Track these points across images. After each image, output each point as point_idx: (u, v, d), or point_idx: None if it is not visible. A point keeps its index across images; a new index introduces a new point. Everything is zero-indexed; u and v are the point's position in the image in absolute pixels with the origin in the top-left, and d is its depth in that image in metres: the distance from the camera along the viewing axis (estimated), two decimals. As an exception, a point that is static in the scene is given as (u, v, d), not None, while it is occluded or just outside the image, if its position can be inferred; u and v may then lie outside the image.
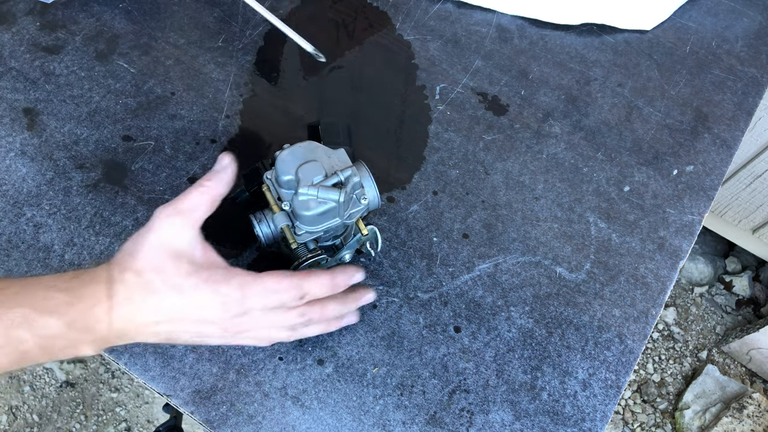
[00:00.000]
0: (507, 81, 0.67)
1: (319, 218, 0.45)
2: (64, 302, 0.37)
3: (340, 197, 0.44)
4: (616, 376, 0.51)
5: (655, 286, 0.55)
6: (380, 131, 0.62)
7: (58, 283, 0.38)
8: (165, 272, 0.39)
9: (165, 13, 0.68)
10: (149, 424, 1.38)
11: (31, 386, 1.40)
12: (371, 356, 0.50)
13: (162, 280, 0.39)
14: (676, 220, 0.59)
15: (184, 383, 0.47)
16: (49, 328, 0.37)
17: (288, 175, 0.45)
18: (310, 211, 0.44)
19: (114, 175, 0.56)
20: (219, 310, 0.40)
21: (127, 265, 0.40)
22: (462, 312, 0.52)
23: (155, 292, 0.39)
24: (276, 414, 0.47)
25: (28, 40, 0.64)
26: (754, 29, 0.74)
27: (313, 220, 0.45)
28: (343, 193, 0.44)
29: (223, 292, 0.40)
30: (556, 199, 0.59)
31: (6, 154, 0.56)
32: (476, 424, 0.48)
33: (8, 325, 0.36)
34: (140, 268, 0.39)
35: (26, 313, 0.36)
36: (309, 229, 0.46)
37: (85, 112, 0.60)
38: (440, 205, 0.58)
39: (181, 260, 0.40)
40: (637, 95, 0.67)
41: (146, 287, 0.39)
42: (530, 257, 0.55)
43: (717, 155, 0.64)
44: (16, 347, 0.36)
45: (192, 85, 0.63)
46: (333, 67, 0.66)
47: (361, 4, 0.71)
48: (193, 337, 0.42)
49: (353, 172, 0.45)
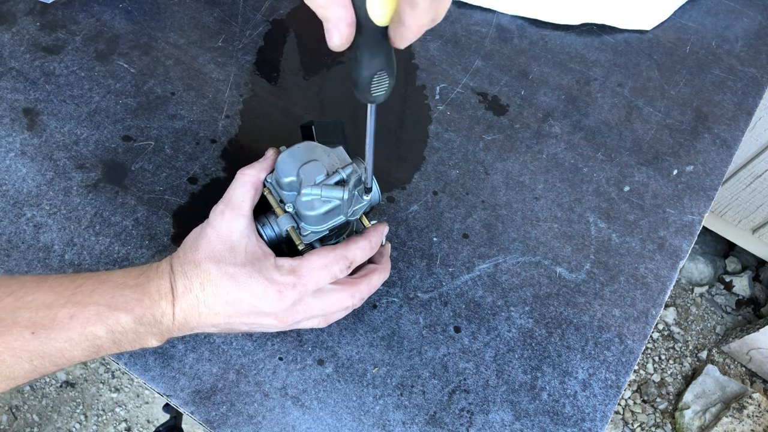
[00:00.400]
0: (507, 81, 0.67)
1: (323, 217, 0.45)
2: (133, 299, 0.40)
3: (344, 195, 0.44)
4: (616, 376, 0.51)
5: (655, 286, 0.55)
6: (380, 131, 0.62)
7: (128, 280, 0.41)
8: (222, 262, 0.42)
9: (165, 13, 0.68)
10: (149, 424, 1.38)
11: (31, 386, 1.40)
12: (371, 356, 0.50)
13: (219, 269, 0.42)
14: (676, 220, 0.59)
15: (184, 383, 0.47)
16: (121, 324, 0.39)
17: (289, 177, 0.45)
18: (314, 210, 0.44)
19: (114, 175, 0.56)
20: (274, 299, 0.42)
21: (187, 258, 0.42)
22: (462, 312, 0.52)
23: (212, 281, 0.41)
24: (276, 414, 0.47)
25: (28, 40, 0.64)
26: (754, 29, 0.74)
27: (318, 219, 0.45)
28: (346, 190, 0.44)
29: (277, 279, 0.42)
30: (556, 199, 0.59)
31: (6, 154, 0.56)
32: (476, 424, 0.48)
33: (84, 323, 0.38)
34: (199, 259, 0.42)
35: (100, 311, 0.38)
36: (314, 229, 0.46)
37: (85, 112, 0.60)
38: (440, 205, 0.58)
39: (236, 251, 0.43)
40: (637, 95, 0.67)
41: (204, 277, 0.41)
42: (530, 257, 0.55)
43: (717, 155, 0.64)
44: (92, 342, 0.39)
45: (192, 85, 0.63)
46: (333, 66, 0.66)
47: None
48: (252, 327, 0.44)
49: (354, 169, 0.45)
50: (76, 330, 0.38)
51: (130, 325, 0.39)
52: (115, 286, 0.40)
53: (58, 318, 0.38)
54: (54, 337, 0.37)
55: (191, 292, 0.41)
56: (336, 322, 0.50)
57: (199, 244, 0.43)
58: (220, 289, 0.41)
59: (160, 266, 0.42)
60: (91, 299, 0.39)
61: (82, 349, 0.39)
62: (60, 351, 0.38)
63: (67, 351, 0.38)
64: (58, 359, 0.38)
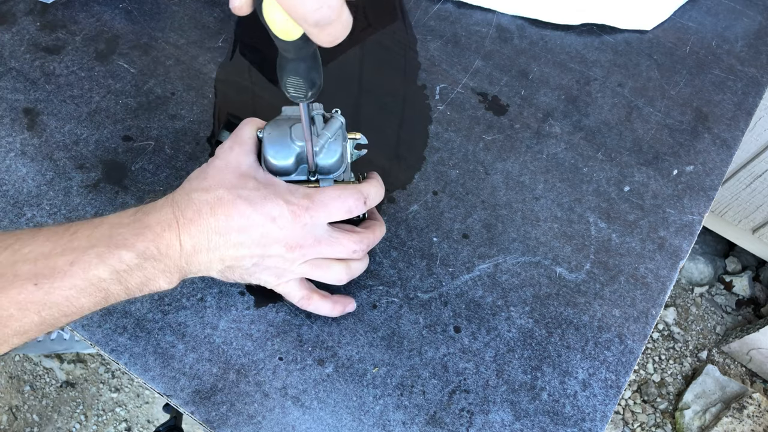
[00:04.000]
0: (507, 81, 0.67)
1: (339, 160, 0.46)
2: (132, 234, 0.39)
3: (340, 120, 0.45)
4: (616, 376, 0.51)
5: (655, 286, 0.55)
6: (380, 131, 0.62)
7: (123, 219, 0.40)
8: (234, 187, 0.41)
9: (165, 13, 0.68)
10: (149, 424, 1.38)
11: (31, 386, 1.40)
12: (371, 356, 0.50)
13: (231, 193, 0.41)
14: (676, 220, 0.59)
15: (184, 383, 0.47)
16: (124, 262, 0.38)
17: (290, 157, 0.45)
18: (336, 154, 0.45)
19: (114, 175, 0.56)
20: (288, 219, 0.41)
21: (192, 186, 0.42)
22: (462, 312, 0.52)
23: (224, 204, 0.40)
24: (276, 414, 0.47)
25: (28, 40, 0.64)
26: (754, 29, 0.74)
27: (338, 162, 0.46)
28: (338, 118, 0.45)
29: (292, 200, 0.42)
30: (556, 199, 0.59)
31: (6, 154, 0.56)
32: (476, 424, 0.48)
33: (86, 267, 0.37)
34: (208, 186, 0.41)
35: (100, 252, 0.37)
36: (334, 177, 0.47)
37: (85, 112, 0.60)
38: (440, 205, 0.58)
39: (248, 178, 0.42)
40: (637, 95, 0.67)
41: (215, 201, 0.40)
42: (530, 257, 0.55)
43: (717, 155, 0.64)
44: (98, 286, 0.38)
45: (192, 85, 0.63)
46: (331, 65, 0.66)
47: (362, 3, 0.71)
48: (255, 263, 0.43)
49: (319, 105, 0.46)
50: (78, 276, 0.37)
51: (134, 261, 0.38)
52: (111, 226, 0.39)
53: (58, 266, 0.37)
54: (58, 285, 0.36)
55: (200, 218, 0.40)
56: (336, 323, 0.50)
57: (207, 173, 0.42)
58: (233, 210, 0.40)
59: (159, 201, 0.41)
60: (89, 243, 0.38)
61: (89, 295, 0.38)
62: (67, 299, 0.37)
63: (74, 299, 0.37)
64: (66, 308, 0.37)
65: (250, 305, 0.51)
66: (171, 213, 0.40)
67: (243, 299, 0.51)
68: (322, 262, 0.46)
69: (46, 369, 1.42)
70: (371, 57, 0.67)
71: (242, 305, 0.51)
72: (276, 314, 0.51)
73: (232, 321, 0.50)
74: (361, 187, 0.45)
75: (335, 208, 0.43)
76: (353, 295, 0.52)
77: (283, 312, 0.51)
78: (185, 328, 0.49)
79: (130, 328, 0.49)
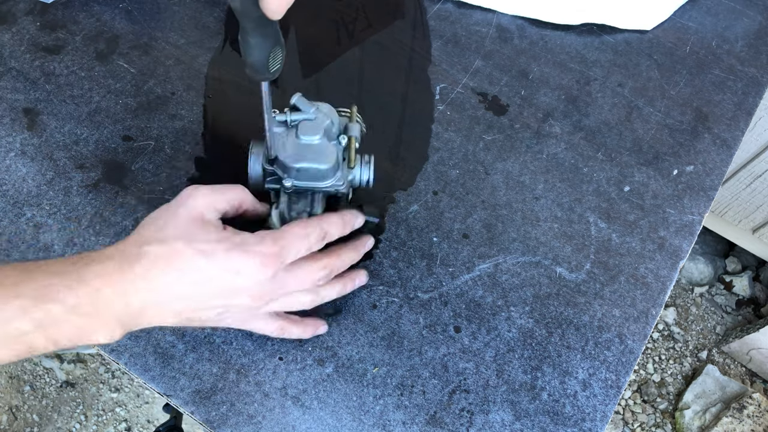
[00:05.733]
0: (507, 81, 0.67)
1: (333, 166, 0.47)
2: (64, 286, 0.35)
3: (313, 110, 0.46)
4: (616, 376, 0.51)
5: (655, 286, 0.55)
6: (380, 131, 0.62)
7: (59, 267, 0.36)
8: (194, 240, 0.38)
9: (165, 13, 0.68)
10: (149, 424, 1.38)
11: (31, 386, 1.40)
12: (371, 356, 0.50)
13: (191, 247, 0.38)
14: (676, 220, 0.59)
15: (184, 383, 0.47)
16: (51, 316, 0.35)
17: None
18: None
19: (114, 175, 0.56)
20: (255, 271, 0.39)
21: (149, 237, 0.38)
22: (462, 312, 0.52)
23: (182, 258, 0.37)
24: (276, 414, 0.47)
25: (28, 40, 0.64)
26: (754, 29, 0.74)
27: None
28: (314, 107, 0.46)
29: (260, 250, 0.39)
30: (556, 199, 0.59)
31: (6, 154, 0.56)
32: (476, 424, 0.48)
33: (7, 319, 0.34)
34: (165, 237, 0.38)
35: (24, 304, 0.34)
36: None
37: (85, 112, 0.60)
38: (440, 205, 0.58)
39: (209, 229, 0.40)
40: (637, 95, 0.67)
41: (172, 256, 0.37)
42: (530, 257, 0.55)
43: (717, 155, 0.64)
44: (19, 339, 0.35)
45: (192, 85, 0.63)
46: (332, 65, 0.66)
47: (362, 3, 0.71)
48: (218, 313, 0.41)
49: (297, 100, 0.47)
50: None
51: (64, 317, 0.35)
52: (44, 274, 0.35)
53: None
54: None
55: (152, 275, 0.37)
56: (336, 323, 0.50)
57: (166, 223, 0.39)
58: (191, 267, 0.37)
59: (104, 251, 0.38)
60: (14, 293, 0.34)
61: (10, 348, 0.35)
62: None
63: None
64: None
65: (250, 305, 0.51)
66: (117, 266, 0.37)
67: (243, 299, 0.51)
68: (289, 296, 0.44)
69: (46, 369, 1.42)
70: (371, 57, 0.67)
71: (242, 305, 0.51)
72: (276, 314, 0.51)
73: (232, 321, 0.50)
74: (322, 221, 0.44)
75: (301, 247, 0.42)
76: (353, 294, 0.52)
77: (283, 312, 0.51)
78: (185, 328, 0.49)
79: (130, 328, 0.49)
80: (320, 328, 0.49)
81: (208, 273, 0.38)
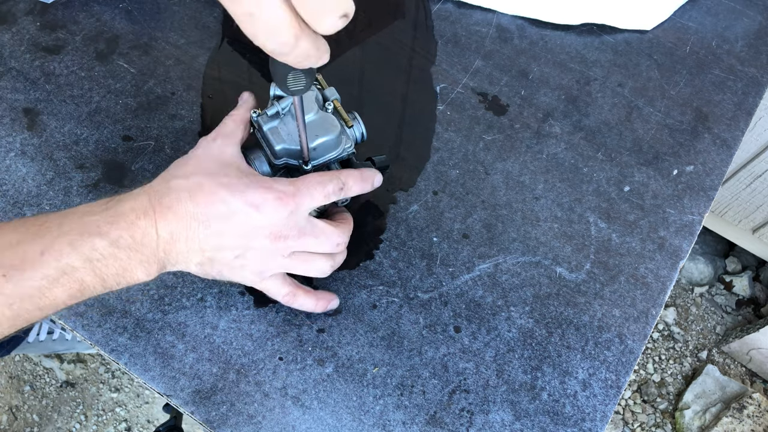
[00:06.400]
0: (507, 81, 0.67)
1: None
2: (105, 222, 0.37)
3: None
4: (616, 376, 0.51)
5: (655, 286, 0.55)
6: (380, 130, 0.62)
7: (94, 208, 0.38)
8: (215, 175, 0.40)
9: (165, 13, 0.68)
10: (149, 424, 1.38)
11: (31, 386, 1.40)
12: (371, 356, 0.50)
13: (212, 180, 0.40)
14: (676, 220, 0.59)
15: (184, 383, 0.47)
16: (97, 250, 0.36)
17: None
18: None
19: (114, 175, 0.56)
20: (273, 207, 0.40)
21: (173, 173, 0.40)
22: (462, 312, 0.52)
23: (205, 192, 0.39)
24: (276, 414, 0.47)
25: (28, 40, 0.64)
26: (754, 29, 0.74)
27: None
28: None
29: (277, 187, 0.41)
30: (556, 199, 0.59)
31: (6, 154, 0.56)
32: (476, 424, 0.48)
33: (57, 256, 0.35)
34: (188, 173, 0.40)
35: (72, 240, 0.36)
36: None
37: (85, 112, 0.60)
38: (440, 205, 0.58)
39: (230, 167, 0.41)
40: (637, 95, 0.67)
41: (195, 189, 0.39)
42: (530, 257, 0.55)
43: (717, 155, 0.64)
44: (72, 276, 0.36)
45: (192, 85, 0.63)
46: (331, 65, 0.66)
47: (362, 3, 0.71)
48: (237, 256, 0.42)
49: None
50: (50, 265, 0.35)
51: (108, 250, 0.37)
52: (83, 215, 0.37)
53: (28, 256, 0.35)
54: (28, 276, 0.35)
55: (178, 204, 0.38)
56: (336, 323, 0.50)
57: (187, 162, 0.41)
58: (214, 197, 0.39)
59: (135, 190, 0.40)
60: (59, 231, 0.36)
61: (62, 286, 0.36)
62: (39, 291, 0.35)
63: (47, 290, 0.35)
64: (39, 301, 0.36)
65: (250, 305, 0.51)
66: (147, 200, 0.38)
67: (243, 299, 0.51)
68: (307, 257, 0.45)
69: (46, 369, 1.42)
70: (371, 57, 0.67)
71: (242, 305, 0.51)
72: (276, 314, 0.51)
73: (232, 321, 0.50)
74: (340, 174, 0.45)
75: (316, 194, 0.43)
76: (353, 294, 0.52)
77: (283, 312, 0.51)
78: (185, 328, 0.49)
79: (130, 328, 0.49)
80: (333, 302, 0.49)
81: (230, 206, 0.40)
